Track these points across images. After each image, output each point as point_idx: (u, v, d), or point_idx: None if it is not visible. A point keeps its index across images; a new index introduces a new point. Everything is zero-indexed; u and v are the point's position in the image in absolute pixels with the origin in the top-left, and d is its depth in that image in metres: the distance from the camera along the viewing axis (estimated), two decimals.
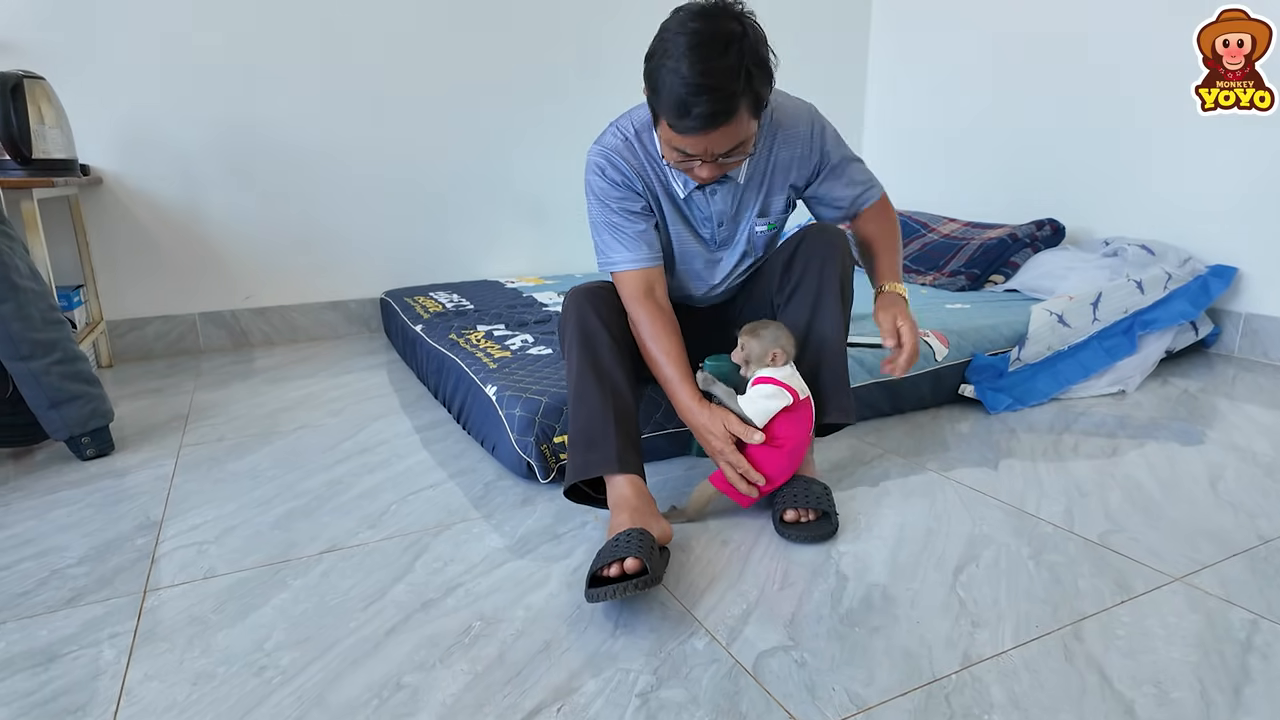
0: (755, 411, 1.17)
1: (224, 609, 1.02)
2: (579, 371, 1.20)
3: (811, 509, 1.18)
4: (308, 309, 2.62)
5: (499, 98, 2.74)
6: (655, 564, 0.97)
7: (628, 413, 1.19)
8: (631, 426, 1.19)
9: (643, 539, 1.00)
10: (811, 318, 1.30)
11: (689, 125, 1.06)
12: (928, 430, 1.67)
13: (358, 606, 1.02)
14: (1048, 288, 2.32)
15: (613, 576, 0.96)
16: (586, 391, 1.18)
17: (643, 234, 1.28)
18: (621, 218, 1.27)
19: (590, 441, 1.16)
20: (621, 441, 1.15)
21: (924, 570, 1.09)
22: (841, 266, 1.30)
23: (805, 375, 1.26)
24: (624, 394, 1.19)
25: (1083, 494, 1.34)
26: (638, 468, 1.16)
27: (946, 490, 1.36)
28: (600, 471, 1.14)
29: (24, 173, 1.89)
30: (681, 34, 1.04)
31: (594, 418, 1.16)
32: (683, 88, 1.03)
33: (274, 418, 1.80)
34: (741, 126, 1.09)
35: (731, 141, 1.11)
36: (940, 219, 2.93)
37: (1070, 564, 1.10)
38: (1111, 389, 1.90)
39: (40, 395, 1.49)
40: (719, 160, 1.14)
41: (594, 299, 1.25)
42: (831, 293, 1.29)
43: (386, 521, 1.26)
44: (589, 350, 1.21)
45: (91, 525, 1.27)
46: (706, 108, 1.03)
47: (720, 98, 1.03)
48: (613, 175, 1.26)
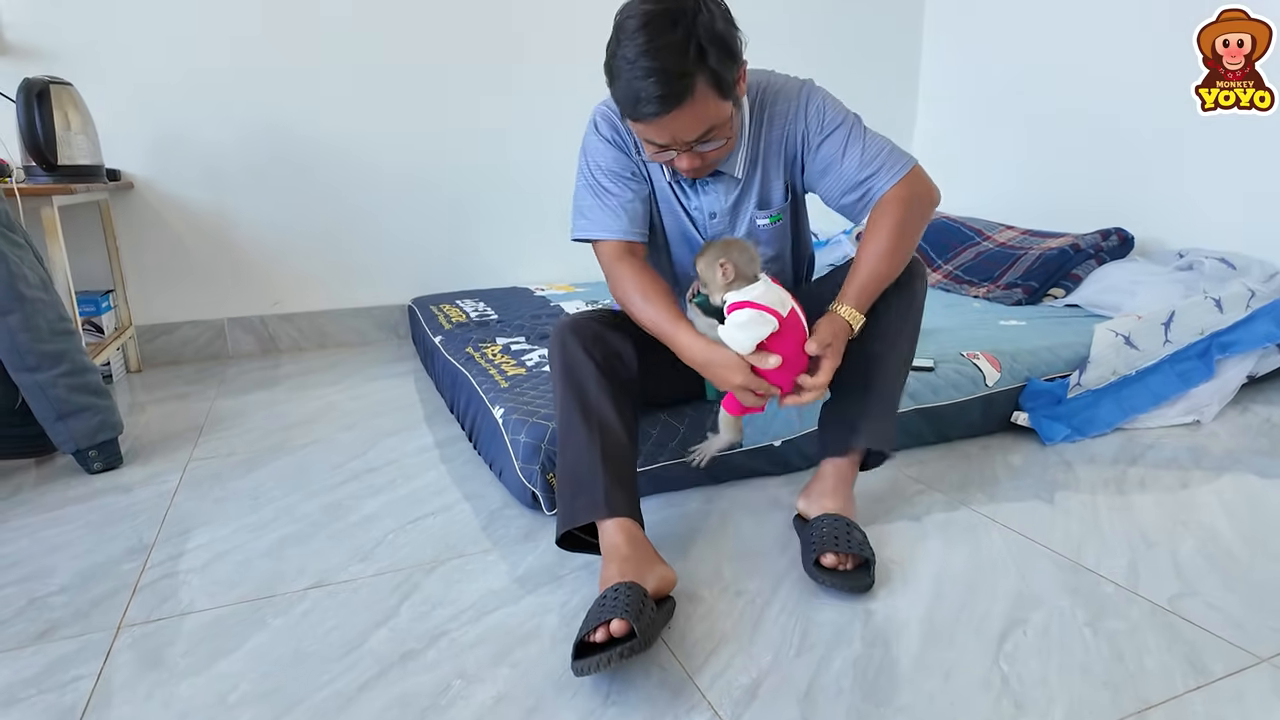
0: (735, 342, 1.03)
1: (195, 651, 0.96)
2: (563, 410, 1.10)
3: (852, 554, 1.06)
4: (336, 315, 2.59)
5: (532, 102, 2.66)
6: (645, 625, 0.86)
7: (617, 449, 1.07)
8: (622, 465, 1.07)
9: (631, 595, 0.89)
10: (875, 349, 1.16)
11: (644, 111, 0.99)
12: (975, 462, 1.53)
13: (334, 655, 0.94)
14: (1113, 304, 2.13)
15: (598, 643, 0.85)
16: (572, 431, 1.08)
17: (628, 204, 1.18)
18: (610, 180, 1.19)
19: (576, 485, 1.05)
20: (609, 481, 1.03)
21: (963, 636, 0.96)
22: (917, 297, 1.18)
23: (856, 405, 1.16)
24: (613, 429, 1.07)
25: (1149, 545, 1.19)
26: (629, 509, 1.04)
27: (993, 535, 1.22)
28: (588, 518, 1.03)
29: (50, 179, 1.88)
30: (630, 17, 0.98)
31: (580, 459, 1.06)
32: (630, 71, 0.97)
33: (288, 431, 1.76)
34: (706, 108, 1.01)
35: (698, 125, 1.02)
36: (996, 225, 2.75)
37: (1134, 634, 0.96)
38: (1185, 418, 1.72)
39: (47, 407, 1.46)
40: (694, 149, 1.06)
41: (579, 331, 1.13)
42: (902, 320, 1.16)
43: (380, 554, 1.19)
44: (573, 385, 1.10)
45: (83, 546, 1.22)
46: (656, 89, 0.96)
47: (669, 78, 0.96)
48: (609, 134, 1.19)
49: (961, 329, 1.98)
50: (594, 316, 1.18)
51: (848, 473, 1.20)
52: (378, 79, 2.47)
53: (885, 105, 3.21)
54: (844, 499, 1.17)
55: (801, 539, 1.15)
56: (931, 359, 1.65)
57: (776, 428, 1.42)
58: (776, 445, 1.42)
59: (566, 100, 2.67)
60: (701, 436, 1.30)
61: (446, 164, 2.61)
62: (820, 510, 1.15)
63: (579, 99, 2.66)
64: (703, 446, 1.24)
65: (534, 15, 2.61)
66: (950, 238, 2.76)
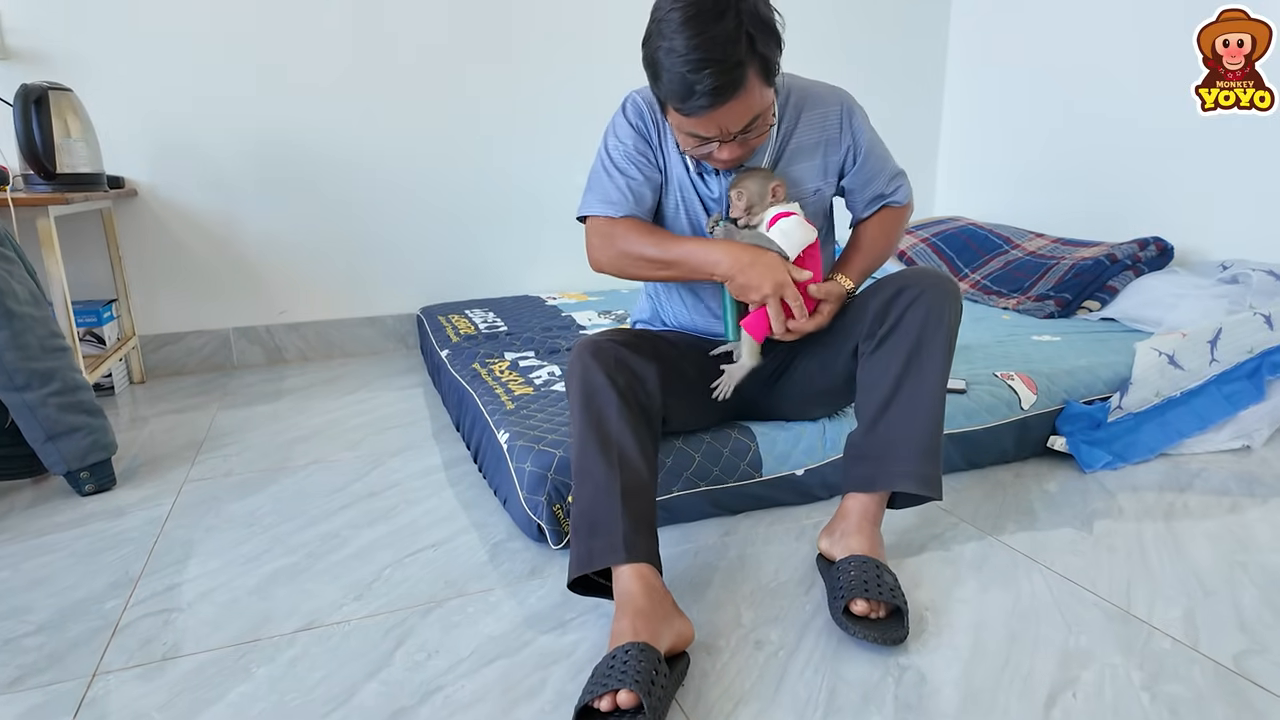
0: (788, 238, 1.11)
1: (173, 704, 0.89)
2: (581, 440, 1.02)
3: (884, 602, 0.97)
4: (343, 324, 2.53)
5: (541, 108, 2.59)
6: (656, 699, 0.79)
7: (638, 486, 0.99)
8: (642, 504, 0.99)
9: (643, 660, 0.82)
10: (904, 372, 1.09)
11: (696, 105, 0.99)
12: (1010, 492, 1.44)
13: (319, 712, 0.87)
14: (1153, 318, 2.03)
15: (603, 711, 0.78)
16: (590, 464, 1.00)
17: (637, 186, 1.19)
18: (626, 161, 1.20)
19: (593, 526, 0.97)
20: (629, 524, 0.95)
21: (1006, 698, 0.88)
22: (952, 318, 1.11)
23: (882, 435, 1.10)
24: (633, 463, 1.00)
25: (1207, 592, 1.09)
26: (648, 554, 0.97)
27: (1034, 579, 1.13)
28: (605, 563, 0.95)
29: (49, 188, 1.83)
30: (674, 9, 0.97)
31: (598, 497, 0.98)
32: (682, 65, 0.96)
33: (288, 449, 1.69)
34: (754, 97, 1.01)
35: (747, 114, 1.03)
36: (1025, 233, 2.65)
37: (1197, 701, 0.87)
38: (1233, 443, 1.62)
39: (36, 428, 1.41)
40: (738, 139, 1.06)
41: (600, 354, 1.06)
42: (933, 348, 1.09)
43: (376, 591, 1.12)
44: (591, 413, 1.03)
45: (66, 580, 1.16)
46: (710, 82, 0.96)
47: (724, 69, 0.96)
48: (634, 120, 1.21)
49: (993, 345, 1.89)
50: (616, 339, 1.10)
51: (875, 511, 1.11)
52: (385, 85, 2.40)
53: (910, 110, 3.11)
54: (871, 539, 1.08)
55: (827, 583, 1.06)
56: (964, 380, 1.56)
57: (798, 457, 1.34)
58: (799, 474, 1.34)
59: (574, 105, 2.60)
60: (718, 457, 1.23)
61: (456, 170, 2.54)
62: (846, 551, 1.06)
63: (588, 104, 2.59)
64: (724, 379, 1.20)
65: (542, 22, 2.54)
66: (978, 245, 2.66)
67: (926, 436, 1.08)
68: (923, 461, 1.07)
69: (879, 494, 1.10)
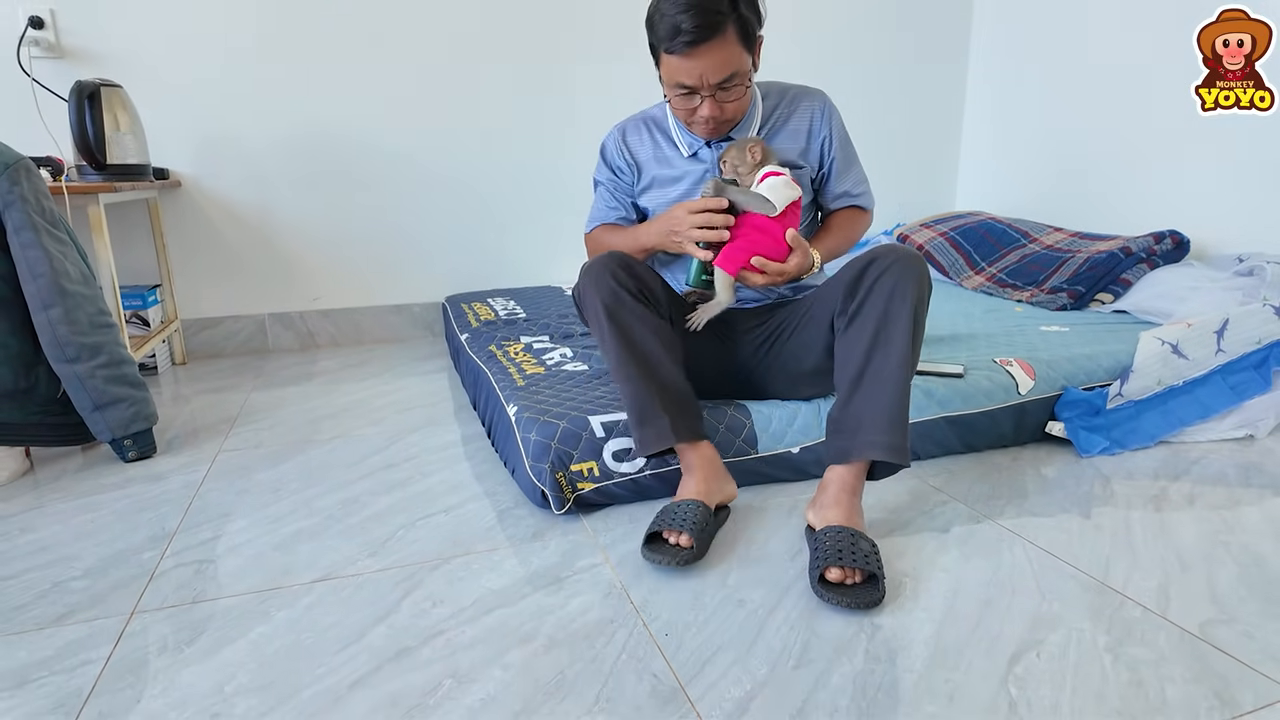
0: (776, 193, 1.23)
1: (199, 640, 0.98)
2: (615, 353, 1.23)
3: (858, 569, 1.03)
4: (372, 311, 2.63)
5: (565, 99, 2.67)
6: (703, 541, 1.13)
7: (670, 382, 1.23)
8: (677, 395, 1.22)
9: (700, 513, 1.13)
10: (871, 347, 1.16)
11: (680, 42, 1.18)
12: (1005, 474, 1.47)
13: (331, 649, 0.95)
14: (1165, 310, 2.03)
15: (669, 543, 1.12)
16: (628, 371, 1.22)
17: (621, 212, 1.49)
18: (609, 194, 1.50)
19: (642, 418, 1.22)
20: (673, 415, 1.20)
21: (971, 655, 0.92)
22: (916, 291, 1.15)
23: (855, 409, 1.15)
24: (663, 363, 1.23)
25: (1185, 567, 1.12)
26: (695, 433, 1.22)
27: (1016, 551, 1.17)
28: (659, 446, 1.21)
29: (99, 177, 1.95)
30: None
31: (639, 396, 1.21)
32: (671, 8, 1.18)
33: (316, 425, 1.79)
34: (731, 52, 1.20)
35: (724, 68, 1.21)
36: (1043, 228, 2.65)
37: (1159, 662, 0.91)
38: (1236, 433, 1.63)
39: (85, 397, 1.52)
40: (717, 95, 1.23)
41: (613, 265, 1.25)
42: (899, 322, 1.14)
43: (389, 549, 1.20)
44: (617, 325, 1.23)
45: (108, 534, 1.27)
46: (693, 22, 1.16)
47: (705, 13, 1.16)
48: (611, 154, 1.49)
49: (999, 334, 1.91)
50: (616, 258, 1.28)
51: (852, 482, 1.16)
52: (417, 80, 2.50)
53: (933, 106, 3.12)
54: (849, 509, 1.13)
55: (809, 554, 1.12)
56: (962, 365, 1.59)
57: (793, 435, 1.39)
58: (794, 452, 1.39)
59: (602, 99, 2.67)
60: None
61: (483, 162, 2.63)
62: (824, 522, 1.12)
63: (615, 98, 2.66)
64: (698, 312, 1.31)
65: (571, 16, 2.61)
66: (995, 239, 2.67)
67: (893, 408, 1.13)
68: (890, 432, 1.12)
69: (855, 465, 1.16)
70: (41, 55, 2.14)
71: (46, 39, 2.14)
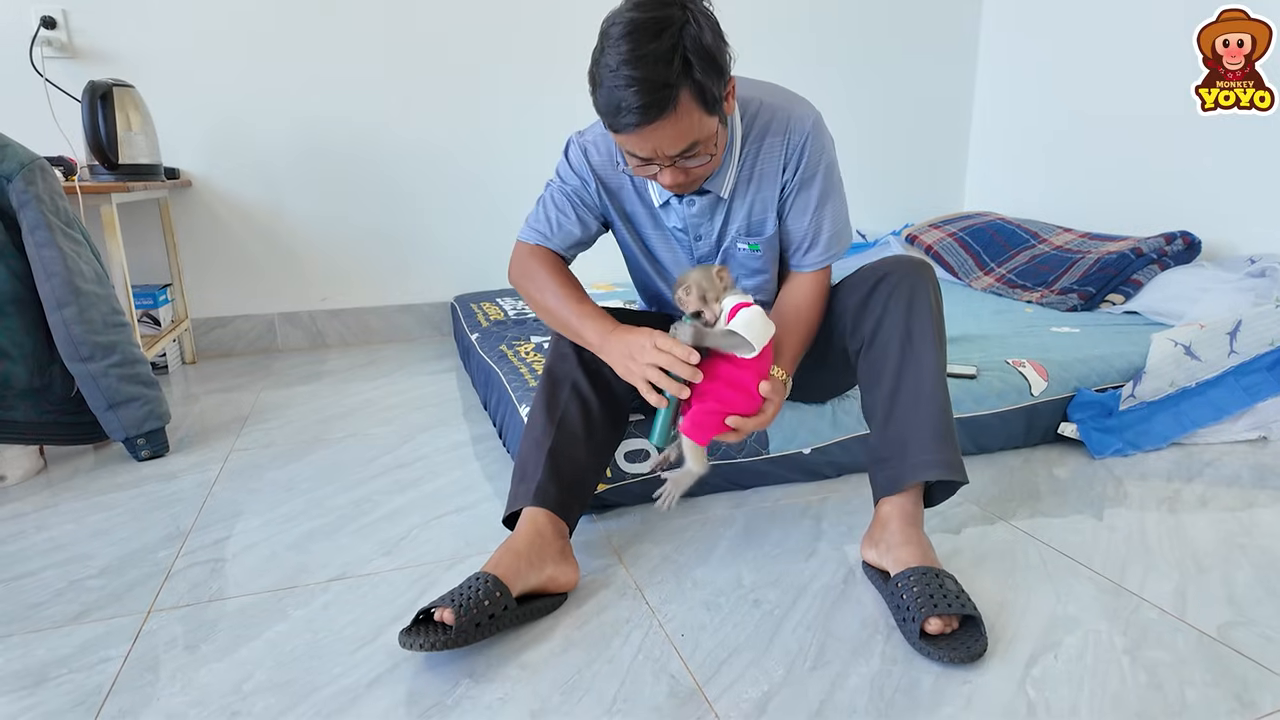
0: (753, 329, 1.00)
1: (217, 638, 0.98)
2: (533, 405, 1.17)
3: (954, 614, 0.92)
4: (381, 311, 2.64)
5: (573, 98, 2.67)
6: (467, 624, 0.89)
7: (568, 446, 1.12)
8: (567, 462, 1.11)
9: (481, 589, 0.93)
10: (900, 365, 1.08)
11: (624, 122, 0.95)
12: (1017, 476, 1.47)
13: (348, 649, 0.95)
14: (1176, 311, 2.02)
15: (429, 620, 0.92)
16: (534, 420, 1.15)
17: (566, 225, 1.23)
18: (564, 199, 1.23)
19: (522, 473, 1.12)
20: (548, 475, 1.09)
21: (988, 657, 0.92)
22: (933, 298, 1.11)
23: (895, 432, 1.08)
24: (571, 427, 1.13)
25: (1202, 569, 1.12)
26: (557, 504, 1.08)
27: (1030, 553, 1.17)
28: (517, 505, 1.09)
29: (111, 177, 1.96)
30: (616, 23, 0.95)
31: (530, 449, 1.13)
32: (612, 80, 0.94)
33: (326, 424, 1.80)
34: (689, 122, 0.97)
35: (681, 139, 0.98)
36: (1053, 228, 2.65)
37: (1177, 665, 0.90)
38: (1250, 434, 1.62)
39: (98, 396, 1.52)
40: (678, 164, 1.02)
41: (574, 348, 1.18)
42: (924, 335, 1.08)
43: (403, 549, 1.20)
44: (550, 384, 1.17)
45: (123, 533, 1.27)
46: (637, 99, 0.92)
47: (651, 87, 0.92)
48: (577, 164, 1.23)
49: (1010, 336, 1.91)
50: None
51: (912, 510, 1.07)
52: (427, 81, 2.51)
53: (941, 106, 3.12)
54: (920, 545, 1.02)
55: (888, 602, 1.00)
56: (974, 366, 1.59)
57: (805, 436, 1.39)
58: (806, 453, 1.39)
59: None
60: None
61: (492, 163, 2.64)
62: (899, 565, 1.00)
63: None
64: (667, 487, 1.10)
65: (580, 17, 2.61)
66: (1004, 240, 2.66)
67: (937, 422, 1.06)
68: (940, 448, 1.05)
69: (910, 492, 1.07)
70: (54, 55, 2.15)
71: (59, 39, 2.14)
